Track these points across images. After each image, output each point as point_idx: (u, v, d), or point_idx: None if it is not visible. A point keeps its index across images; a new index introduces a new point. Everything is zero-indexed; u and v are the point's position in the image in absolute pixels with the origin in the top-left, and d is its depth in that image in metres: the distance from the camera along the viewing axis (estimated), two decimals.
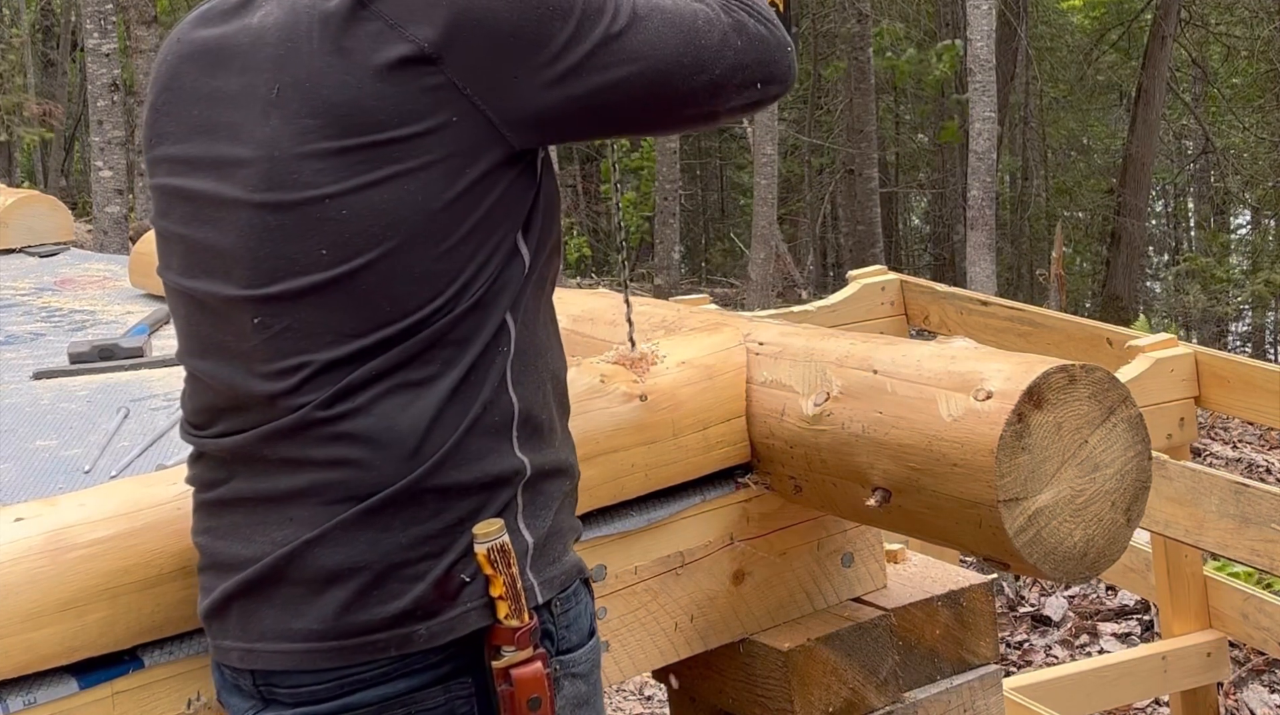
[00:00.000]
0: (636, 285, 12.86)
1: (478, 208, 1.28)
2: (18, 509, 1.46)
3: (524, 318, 1.34)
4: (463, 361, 1.28)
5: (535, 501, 1.34)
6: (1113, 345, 3.61)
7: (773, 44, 1.41)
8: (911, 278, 4.53)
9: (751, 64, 1.39)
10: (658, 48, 1.32)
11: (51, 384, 2.59)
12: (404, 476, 1.26)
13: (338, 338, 1.27)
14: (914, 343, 1.74)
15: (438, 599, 1.26)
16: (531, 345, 1.35)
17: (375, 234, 1.26)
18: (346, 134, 1.25)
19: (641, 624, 1.78)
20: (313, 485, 1.28)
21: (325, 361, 1.27)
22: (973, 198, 9.97)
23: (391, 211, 1.25)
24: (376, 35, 1.26)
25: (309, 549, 1.27)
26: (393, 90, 1.25)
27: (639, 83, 1.32)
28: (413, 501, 1.26)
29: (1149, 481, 1.58)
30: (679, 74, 1.34)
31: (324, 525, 1.27)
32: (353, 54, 1.26)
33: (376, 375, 1.26)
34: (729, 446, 1.82)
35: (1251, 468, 6.73)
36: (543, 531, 1.34)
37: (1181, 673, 3.83)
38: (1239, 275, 15.84)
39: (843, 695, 1.82)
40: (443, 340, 1.28)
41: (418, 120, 1.25)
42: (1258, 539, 2.96)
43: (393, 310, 1.26)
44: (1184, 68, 17.69)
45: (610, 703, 4.77)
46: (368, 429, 1.26)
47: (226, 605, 1.32)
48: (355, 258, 1.26)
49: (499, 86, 1.28)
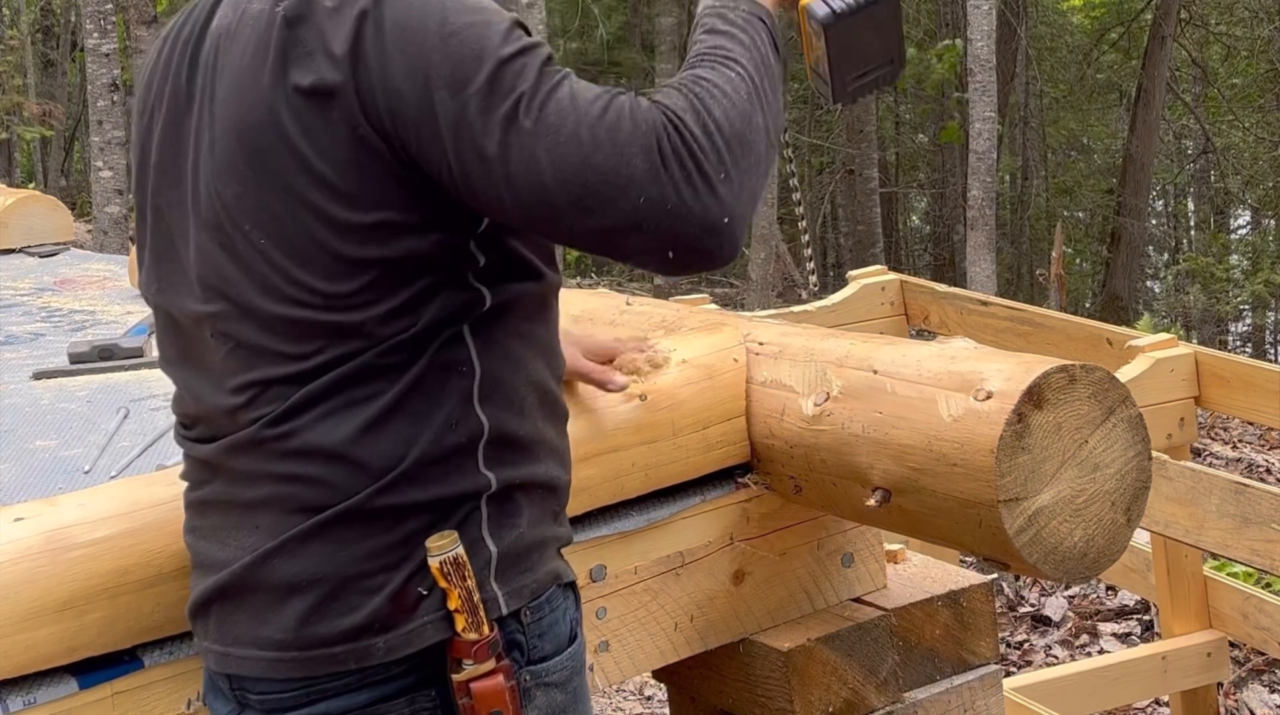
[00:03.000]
0: (636, 285, 12.86)
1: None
2: (18, 509, 1.46)
3: (492, 335, 1.30)
4: (405, 379, 1.26)
5: (503, 511, 1.31)
6: (1113, 345, 3.60)
7: (696, 216, 1.18)
8: (911, 278, 4.53)
9: (658, 230, 1.19)
10: (548, 157, 1.17)
11: (51, 384, 2.59)
12: (357, 492, 1.25)
13: (281, 357, 1.26)
14: (914, 343, 1.74)
15: (394, 612, 1.25)
16: (505, 362, 1.31)
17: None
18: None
19: (641, 624, 1.78)
20: (273, 496, 1.28)
21: (273, 378, 1.27)
22: (973, 198, 9.97)
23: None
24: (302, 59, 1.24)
25: (270, 558, 1.27)
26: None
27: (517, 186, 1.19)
28: (367, 517, 1.25)
29: (1149, 481, 1.58)
30: (558, 200, 1.18)
31: (282, 535, 1.27)
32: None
33: (322, 393, 1.25)
34: (729, 446, 1.82)
35: (1251, 468, 6.72)
36: (509, 541, 1.31)
37: (1181, 673, 3.82)
38: (1239, 275, 15.83)
39: (843, 695, 1.82)
40: (387, 360, 1.25)
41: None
42: (1258, 539, 2.96)
43: (333, 331, 1.25)
44: (1184, 68, 17.69)
45: (610, 703, 4.77)
46: (316, 446, 1.25)
47: (207, 607, 1.33)
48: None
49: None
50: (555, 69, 1.22)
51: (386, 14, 1.22)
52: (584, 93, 1.21)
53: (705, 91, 1.23)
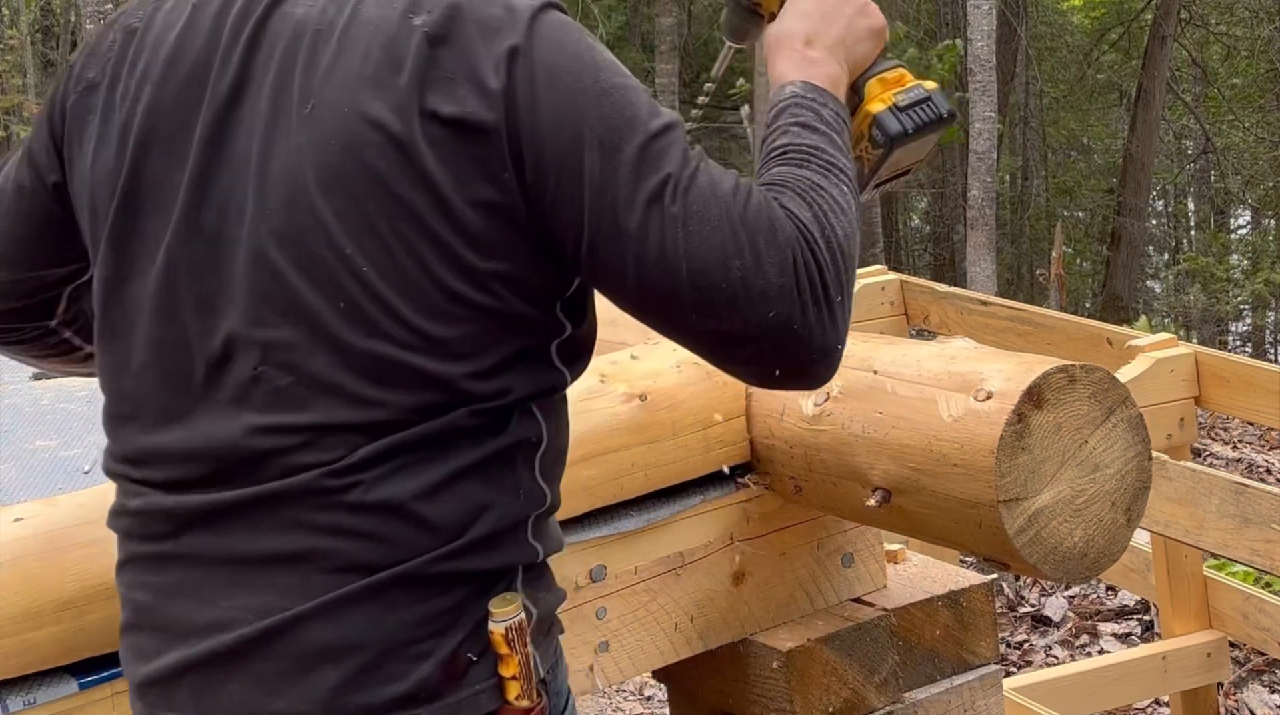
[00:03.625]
0: None
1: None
2: (17, 509, 1.46)
3: (556, 406, 1.25)
4: (490, 445, 1.17)
5: (535, 574, 1.24)
6: (1113, 345, 3.60)
7: (816, 341, 1.15)
8: (911, 278, 4.53)
9: (775, 348, 1.15)
10: (687, 247, 1.12)
11: (51, 384, 2.59)
12: (422, 554, 1.14)
13: (354, 400, 1.14)
14: (914, 343, 1.74)
15: (443, 680, 1.15)
16: (559, 431, 1.25)
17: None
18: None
19: (641, 624, 1.78)
20: (310, 551, 1.14)
21: (337, 423, 1.14)
22: (973, 198, 9.97)
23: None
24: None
25: (300, 622, 1.13)
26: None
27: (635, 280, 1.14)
28: (423, 581, 1.15)
29: (1149, 481, 1.58)
30: (685, 294, 1.13)
31: (321, 597, 1.14)
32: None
33: (403, 446, 1.14)
34: (729, 446, 1.82)
35: (1251, 468, 6.72)
36: (544, 603, 1.24)
37: (1181, 673, 3.82)
38: (1239, 275, 15.84)
39: (843, 695, 1.82)
40: (475, 422, 1.16)
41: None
42: (1258, 539, 2.96)
43: (423, 379, 1.14)
44: (1184, 68, 17.69)
45: (610, 703, 4.77)
46: (386, 501, 1.14)
47: (178, 676, 1.17)
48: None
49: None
50: (693, 150, 1.17)
51: (538, 54, 1.14)
52: (722, 181, 1.15)
53: (829, 207, 1.18)
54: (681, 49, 16.39)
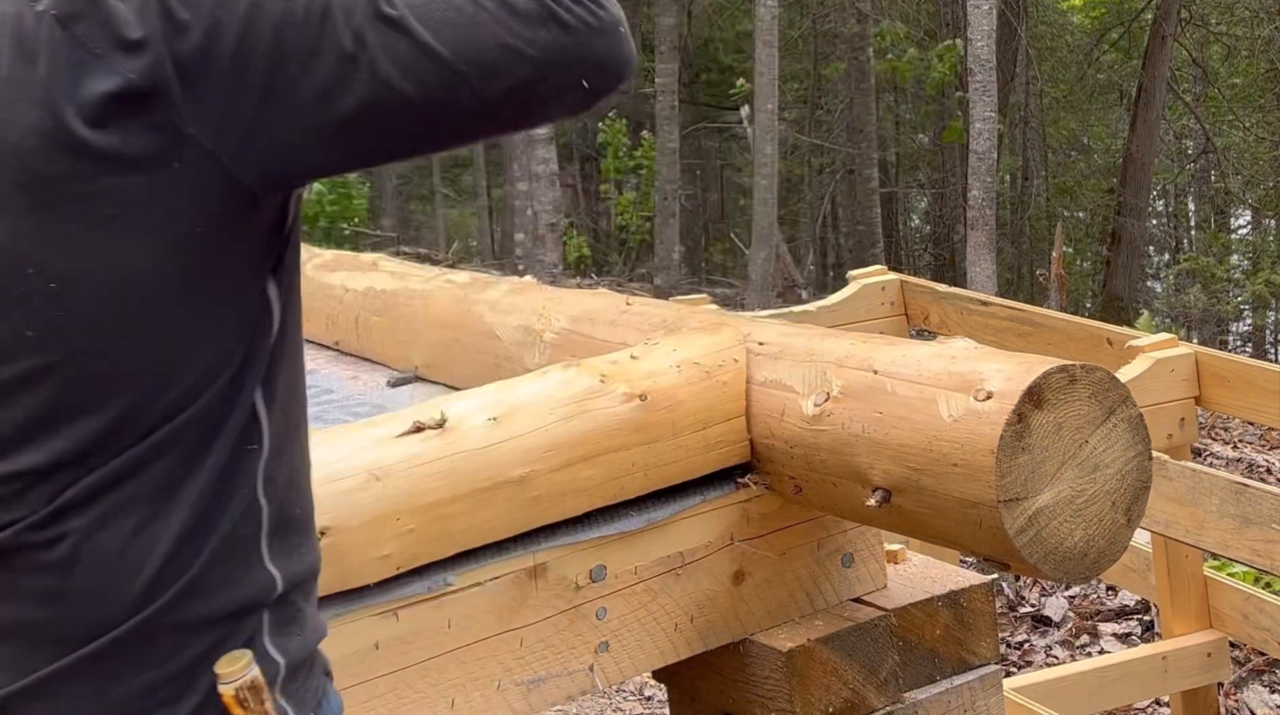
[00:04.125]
0: (636, 285, 12.87)
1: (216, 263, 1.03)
2: None
3: (274, 393, 1.10)
4: (207, 466, 1.05)
5: (283, 616, 1.12)
6: (1113, 345, 3.61)
7: (594, 29, 1.07)
8: (912, 278, 4.53)
9: (567, 62, 1.06)
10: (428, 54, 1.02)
11: None
12: (135, 615, 1.03)
13: (51, 441, 1.01)
14: (914, 343, 1.74)
15: None
16: (285, 427, 1.11)
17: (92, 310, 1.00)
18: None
19: (641, 624, 1.78)
20: (23, 623, 1.04)
21: (39, 468, 1.01)
22: (973, 198, 9.98)
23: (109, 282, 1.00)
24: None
25: (19, 701, 1.03)
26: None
27: (403, 101, 1.02)
28: (145, 641, 1.04)
29: (1149, 482, 1.58)
30: (460, 87, 1.03)
31: (34, 673, 1.03)
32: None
33: (101, 487, 1.01)
34: (729, 446, 1.82)
35: (1252, 468, 6.72)
36: (293, 649, 1.13)
37: (1182, 673, 3.83)
38: (1239, 275, 15.85)
39: (843, 695, 1.82)
40: (180, 442, 1.03)
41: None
42: (1258, 539, 2.96)
43: (120, 406, 1.01)
44: (1184, 68, 17.69)
45: (610, 703, 4.77)
46: (90, 557, 1.02)
47: None
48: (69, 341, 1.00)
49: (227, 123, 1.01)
50: None
51: None
52: None
53: None
54: (681, 49, 16.40)
